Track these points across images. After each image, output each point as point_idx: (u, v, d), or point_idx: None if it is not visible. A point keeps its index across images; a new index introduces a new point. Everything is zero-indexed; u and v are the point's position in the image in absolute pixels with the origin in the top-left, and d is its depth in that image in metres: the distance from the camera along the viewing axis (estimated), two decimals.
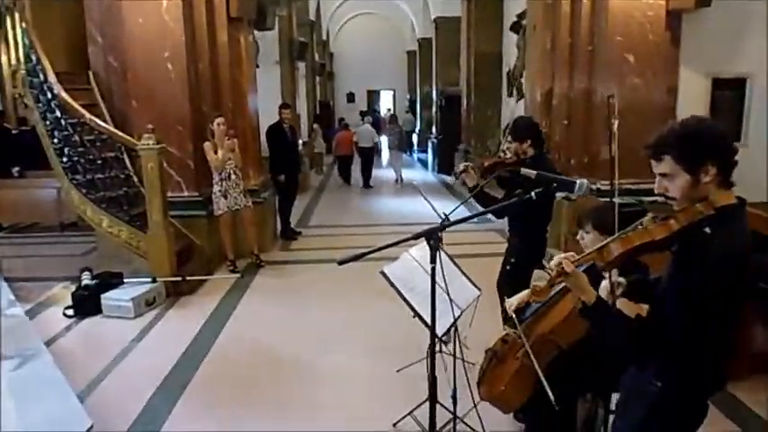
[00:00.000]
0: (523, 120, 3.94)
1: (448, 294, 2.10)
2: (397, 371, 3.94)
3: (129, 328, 4.78)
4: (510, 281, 3.54)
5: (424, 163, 17.89)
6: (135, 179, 6.04)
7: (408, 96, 23.57)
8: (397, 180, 13.84)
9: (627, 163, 2.76)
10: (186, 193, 6.28)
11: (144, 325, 4.87)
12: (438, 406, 3.16)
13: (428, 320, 2.25)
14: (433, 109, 17.08)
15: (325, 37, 19.01)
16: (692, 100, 7.16)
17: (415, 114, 21.41)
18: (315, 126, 15.48)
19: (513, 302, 2.90)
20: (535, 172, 1.84)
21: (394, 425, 3.31)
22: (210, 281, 5.87)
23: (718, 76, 7.25)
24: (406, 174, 14.60)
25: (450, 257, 2.40)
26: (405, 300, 2.30)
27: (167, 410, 3.53)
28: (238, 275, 6.03)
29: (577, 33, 6.66)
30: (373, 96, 25.60)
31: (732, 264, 1.60)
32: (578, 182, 1.72)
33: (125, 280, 5.34)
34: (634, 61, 6.41)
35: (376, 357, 4.24)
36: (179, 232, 5.92)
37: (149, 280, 5.31)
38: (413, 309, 2.29)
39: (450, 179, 13.76)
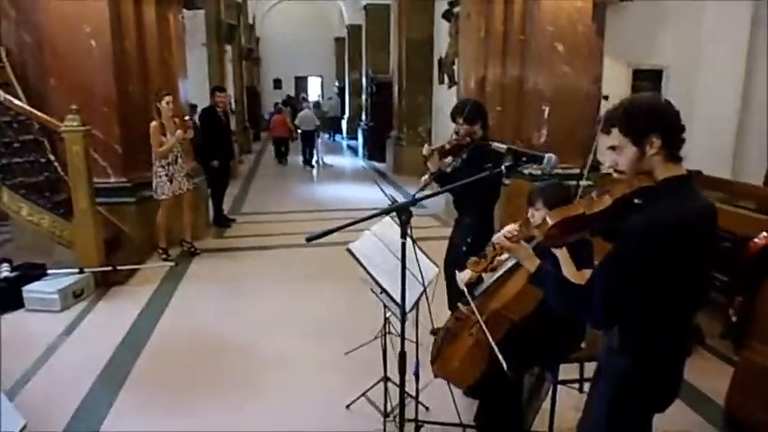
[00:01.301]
0: (473, 103, 4.02)
1: (419, 268, 2.11)
2: (346, 353, 3.94)
3: (57, 322, 4.49)
4: (467, 260, 3.62)
5: (354, 150, 17.88)
6: (56, 164, 5.64)
7: (337, 83, 23.39)
8: (317, 161, 14.69)
9: (557, 148, 2.82)
10: (113, 179, 5.94)
11: (73, 318, 4.59)
12: (392, 385, 3.22)
13: (395, 297, 2.25)
14: (363, 96, 17.07)
15: (251, 21, 18.45)
16: (615, 89, 7.55)
17: (343, 101, 21.31)
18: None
19: (464, 276, 2.97)
20: (505, 146, 1.88)
21: (347, 407, 3.31)
22: (143, 270, 5.61)
23: (638, 66, 7.71)
24: (334, 160, 15.49)
25: (411, 236, 2.41)
26: (371, 276, 2.29)
27: (108, 403, 3.36)
28: (173, 264, 5.79)
29: (510, 22, 6.83)
30: (301, 83, 25.22)
31: (656, 235, 1.60)
32: (547, 156, 1.76)
33: (49, 271, 5.01)
34: (563, 51, 6.66)
35: (322, 342, 4.21)
36: (106, 220, 5.61)
37: (76, 271, 5.00)
38: (379, 285, 2.28)
39: (381, 166, 13.86)
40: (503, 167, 1.79)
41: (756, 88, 7.25)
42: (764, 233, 3.70)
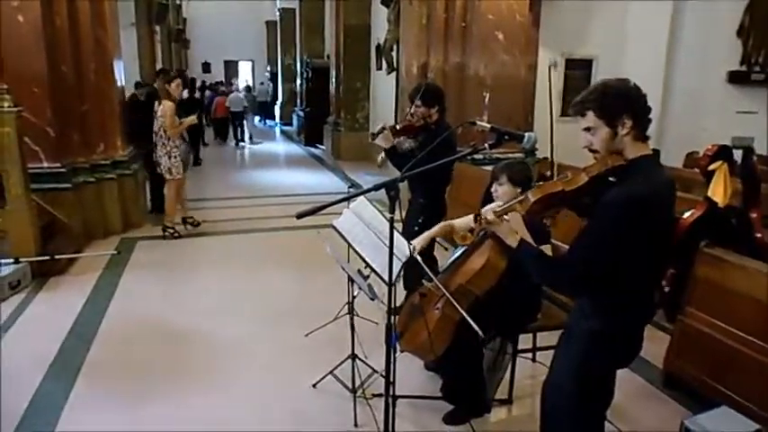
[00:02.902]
0: (432, 86, 4.09)
1: (409, 244, 2.18)
2: (306, 335, 3.97)
3: None
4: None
5: (289, 136, 17.67)
6: None
7: (269, 68, 22.93)
8: (249, 139, 16.16)
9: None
10: (45, 165, 5.62)
11: (11, 310, 4.35)
12: (359, 363, 3.30)
13: (379, 270, 2.32)
14: (298, 81, 16.88)
15: (179, 0, 17.75)
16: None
17: (276, 86, 20.96)
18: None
19: (416, 243, 3.10)
20: (489, 125, 1.97)
21: (313, 386, 3.35)
22: (82, 259, 5.38)
23: (570, 56, 8.09)
24: (270, 146, 16.11)
25: (381, 212, 2.49)
26: (356, 251, 2.34)
27: (63, 396, 3.22)
28: (115, 252, 5.57)
29: (452, 9, 6.99)
30: (231, 67, 24.52)
31: (632, 207, 1.74)
32: (527, 134, 1.87)
33: None
34: (503, 39, 6.90)
35: (280, 325, 4.21)
36: (40, 208, 5.31)
37: (11, 261, 4.73)
38: (364, 260, 2.34)
39: (318, 151, 13.82)
40: (486, 145, 1.88)
41: (676, 77, 7.81)
42: (691, 210, 4.04)
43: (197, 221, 6.78)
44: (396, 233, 2.35)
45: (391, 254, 1.91)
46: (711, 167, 3.85)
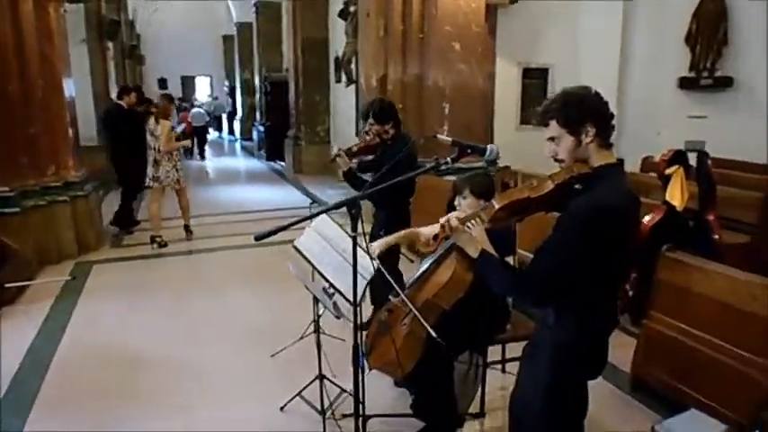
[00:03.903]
0: (382, 102, 4.07)
1: (372, 257, 2.13)
2: (272, 356, 3.87)
3: None
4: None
5: (249, 151, 17.45)
6: None
7: (227, 83, 22.66)
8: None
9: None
10: None
11: None
12: (328, 383, 3.22)
13: (342, 290, 2.25)
14: (257, 95, 16.72)
15: (131, 16, 17.37)
16: (507, 86, 8.03)
17: (235, 101, 20.72)
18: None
19: (376, 246, 3.06)
20: (450, 139, 1.94)
21: (281, 408, 3.25)
22: (35, 287, 5.13)
23: (526, 65, 8.21)
24: (231, 162, 16.38)
25: (344, 228, 2.43)
26: (318, 271, 2.27)
27: (19, 428, 3.05)
28: (69, 278, 5.35)
29: (409, 21, 7.01)
30: (188, 82, 24.14)
31: (598, 216, 1.74)
32: (489, 147, 1.86)
33: None
34: (460, 49, 6.95)
35: (243, 348, 4.09)
36: None
37: None
38: (326, 279, 2.27)
39: (279, 166, 13.67)
40: (449, 159, 1.85)
41: (630, 84, 8.01)
42: (650, 214, 4.10)
43: (164, 241, 6.69)
44: (360, 250, 2.30)
45: (355, 272, 1.85)
46: (668, 172, 3.92)
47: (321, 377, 3.15)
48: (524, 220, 2.14)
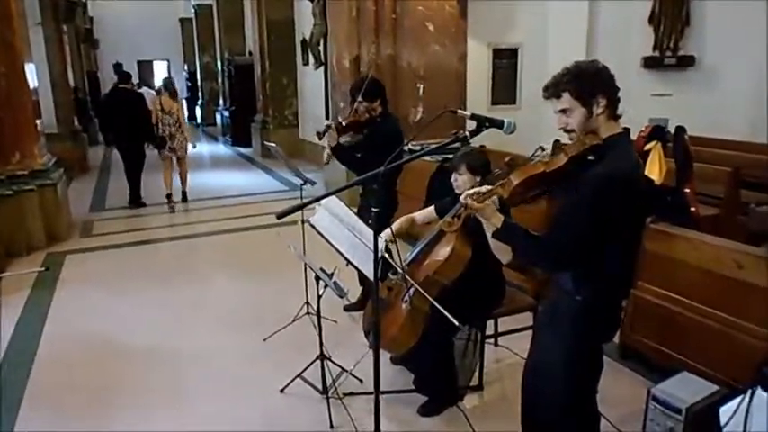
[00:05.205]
0: (372, 80, 4.08)
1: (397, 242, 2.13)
2: (265, 340, 3.86)
3: None
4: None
5: (213, 136, 17.09)
6: None
7: (186, 67, 22.04)
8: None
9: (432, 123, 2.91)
10: None
11: None
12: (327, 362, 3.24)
13: (361, 267, 2.27)
14: (220, 79, 16.34)
15: None
16: (478, 66, 8.09)
17: (195, 86, 20.19)
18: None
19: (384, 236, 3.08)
20: (469, 113, 1.96)
21: (281, 391, 3.26)
22: (5, 279, 4.96)
23: (496, 46, 8.28)
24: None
25: (350, 209, 2.45)
26: (334, 247, 2.28)
27: (9, 427, 2.97)
28: (43, 268, 5.18)
29: (381, 1, 6.95)
30: (145, 67, 23.37)
31: (613, 184, 1.81)
32: (506, 121, 1.88)
33: None
34: (433, 30, 6.96)
35: (235, 333, 4.06)
36: None
37: None
38: (343, 255, 2.28)
39: (247, 151, 13.45)
40: (467, 133, 1.87)
41: None
42: None
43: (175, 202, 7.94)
44: (367, 228, 2.32)
45: (376, 248, 1.87)
46: (647, 147, 4.04)
47: (322, 357, 3.16)
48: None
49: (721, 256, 2.96)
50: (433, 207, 3.25)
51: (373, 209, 2.02)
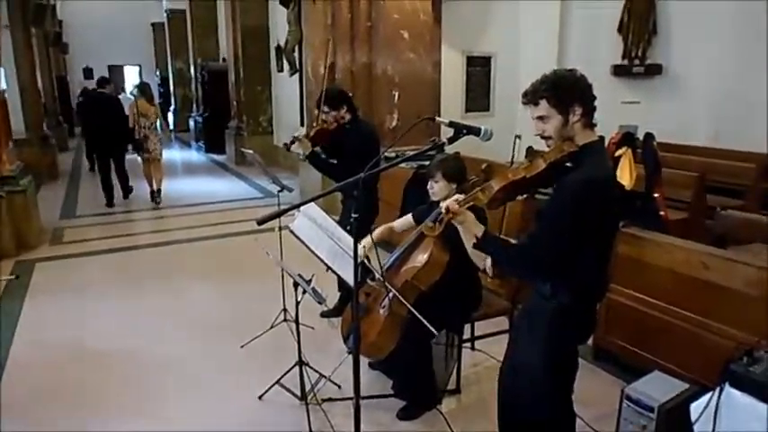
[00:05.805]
0: (333, 89, 4.15)
1: (378, 249, 2.15)
2: (242, 346, 3.83)
3: None
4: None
5: (185, 143, 16.90)
6: None
7: (158, 72, 21.78)
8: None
9: (406, 130, 2.96)
10: None
11: None
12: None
13: (341, 273, 2.28)
14: (193, 85, 16.18)
15: (52, 0, 16.35)
16: (452, 74, 8.18)
17: (168, 92, 19.95)
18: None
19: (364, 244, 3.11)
20: (447, 120, 2.00)
21: (260, 397, 3.24)
22: None
23: (470, 54, 8.39)
24: (168, 154, 14.87)
25: (327, 214, 2.46)
26: (313, 253, 2.29)
27: None
28: (12, 277, 5.06)
29: (357, 9, 7.00)
30: (116, 72, 22.98)
31: (590, 189, 1.86)
32: (483, 128, 1.92)
33: None
34: (408, 38, 7.02)
35: (211, 339, 4.03)
36: None
37: None
38: (323, 262, 2.29)
39: (221, 158, 13.34)
40: (445, 140, 1.91)
41: None
42: None
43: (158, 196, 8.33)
44: (347, 235, 2.34)
45: (356, 254, 1.89)
46: (617, 154, 4.15)
47: (301, 363, 3.16)
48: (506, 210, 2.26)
49: (690, 258, 3.05)
50: (410, 215, 3.28)
51: (353, 215, 2.03)
